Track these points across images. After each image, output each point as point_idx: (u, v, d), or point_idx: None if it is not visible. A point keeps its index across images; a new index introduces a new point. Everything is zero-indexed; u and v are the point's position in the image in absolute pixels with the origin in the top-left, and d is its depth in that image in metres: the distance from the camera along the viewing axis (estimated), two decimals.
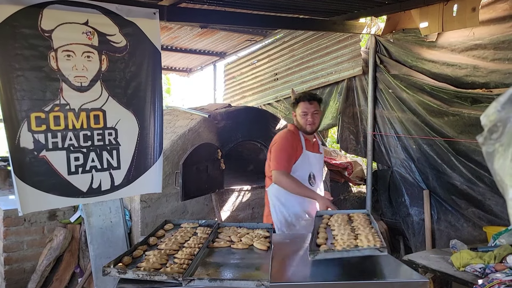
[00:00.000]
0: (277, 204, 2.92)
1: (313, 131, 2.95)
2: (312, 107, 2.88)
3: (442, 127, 3.96)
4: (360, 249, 1.70)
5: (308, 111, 2.87)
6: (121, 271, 1.66)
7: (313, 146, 3.03)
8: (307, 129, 2.91)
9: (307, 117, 2.88)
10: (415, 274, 1.94)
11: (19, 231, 3.61)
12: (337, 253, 1.70)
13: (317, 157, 3.03)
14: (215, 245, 2.17)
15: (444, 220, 4.12)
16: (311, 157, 2.96)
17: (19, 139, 2.48)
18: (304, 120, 2.90)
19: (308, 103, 2.88)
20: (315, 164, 3.00)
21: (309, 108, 2.87)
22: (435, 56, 4.02)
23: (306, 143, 2.97)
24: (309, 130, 2.92)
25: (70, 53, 2.64)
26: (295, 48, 6.06)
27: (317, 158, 3.02)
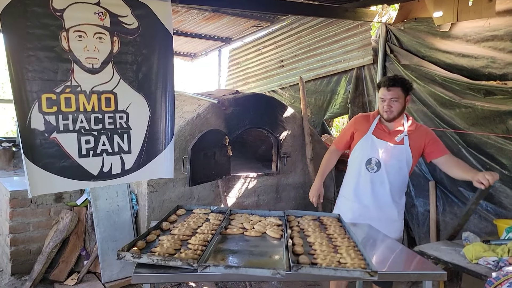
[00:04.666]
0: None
1: (390, 119, 2.74)
2: (389, 94, 2.68)
3: (453, 119, 3.93)
4: (349, 270, 1.63)
5: (385, 98, 2.71)
6: (135, 255, 1.64)
7: (389, 134, 2.79)
8: (383, 116, 2.77)
9: (384, 104, 2.72)
10: (431, 265, 1.93)
11: (26, 212, 3.59)
12: (323, 270, 1.65)
13: (392, 147, 2.76)
14: (228, 231, 2.16)
15: (450, 211, 4.11)
16: (376, 143, 2.79)
17: (30, 120, 2.44)
18: (381, 107, 2.77)
19: (386, 90, 2.70)
20: (382, 152, 2.77)
21: (386, 95, 2.70)
22: (449, 46, 3.96)
23: (376, 127, 2.83)
24: (385, 118, 2.76)
25: (82, 34, 2.58)
26: (303, 35, 5.99)
27: (391, 147, 2.76)
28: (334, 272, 1.64)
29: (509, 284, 1.93)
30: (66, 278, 3.55)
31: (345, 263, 1.73)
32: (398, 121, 2.79)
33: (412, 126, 2.81)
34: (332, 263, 1.73)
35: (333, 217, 2.50)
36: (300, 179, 4.62)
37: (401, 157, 2.76)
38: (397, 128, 2.79)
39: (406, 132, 2.76)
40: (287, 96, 6.32)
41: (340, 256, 1.82)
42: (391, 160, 2.77)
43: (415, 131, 2.79)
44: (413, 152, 2.76)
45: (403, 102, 2.73)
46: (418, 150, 2.79)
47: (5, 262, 3.70)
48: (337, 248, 1.95)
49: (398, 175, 2.81)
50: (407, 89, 2.73)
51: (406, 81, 2.75)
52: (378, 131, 2.83)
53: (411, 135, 2.77)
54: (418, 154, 2.81)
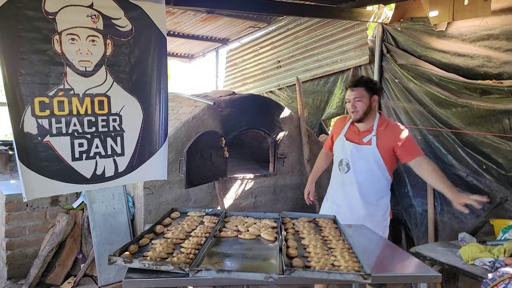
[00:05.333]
0: None
1: (357, 119, 2.75)
2: (353, 94, 2.71)
3: (449, 118, 3.92)
4: (343, 273, 1.62)
5: (350, 98, 2.74)
6: (127, 260, 1.63)
7: (358, 135, 2.81)
8: (351, 116, 2.79)
9: (349, 105, 2.75)
10: (425, 267, 1.92)
11: (21, 216, 3.57)
12: (316, 273, 1.63)
13: (358, 148, 2.77)
14: (222, 234, 2.14)
15: (448, 211, 4.10)
16: (347, 145, 2.82)
17: (23, 124, 2.43)
18: (347, 108, 2.80)
19: (350, 90, 2.74)
20: (354, 154, 2.79)
21: (350, 95, 2.73)
22: (445, 46, 3.96)
23: (349, 129, 2.88)
24: (353, 118, 2.78)
25: (75, 37, 2.57)
26: (299, 35, 5.98)
27: (358, 149, 2.78)
28: (327, 275, 1.63)
29: (504, 285, 1.92)
30: (63, 281, 3.54)
31: (338, 266, 1.72)
32: (369, 122, 2.77)
33: (382, 126, 2.76)
34: (325, 266, 1.71)
35: (329, 219, 2.49)
36: (298, 179, 4.61)
37: (369, 157, 2.74)
38: (367, 129, 2.79)
39: (375, 132, 2.74)
40: (285, 96, 6.31)
41: (334, 259, 1.80)
42: (358, 161, 2.79)
43: (384, 131, 2.74)
44: (383, 153, 2.71)
45: (368, 102, 2.72)
46: (388, 151, 2.73)
47: (1, 266, 3.69)
48: (332, 251, 1.94)
49: (369, 176, 2.78)
50: (371, 89, 2.73)
51: (370, 81, 2.77)
52: (350, 133, 2.87)
53: (380, 135, 2.74)
54: (389, 154, 2.74)
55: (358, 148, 2.78)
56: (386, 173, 2.79)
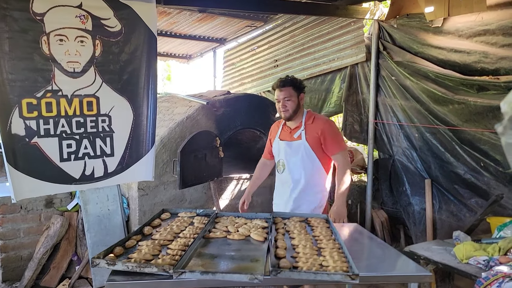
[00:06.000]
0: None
1: (287, 118, 2.80)
2: (282, 94, 2.75)
3: (446, 116, 3.88)
4: (330, 273, 1.58)
5: (279, 98, 2.77)
6: (110, 262, 1.60)
7: (289, 133, 2.86)
8: (281, 116, 2.83)
9: (279, 105, 2.79)
10: (417, 267, 1.88)
11: (16, 218, 3.56)
12: (303, 274, 1.60)
13: (290, 144, 2.83)
14: (211, 235, 2.11)
15: (446, 209, 4.06)
16: (281, 145, 2.88)
17: (11, 125, 2.41)
18: (277, 108, 2.83)
19: (279, 91, 2.78)
20: (287, 152, 2.83)
21: (280, 95, 2.77)
22: (441, 42, 3.91)
23: (282, 130, 2.93)
24: (283, 117, 2.83)
25: (63, 38, 2.55)
26: (296, 34, 5.94)
27: (290, 145, 2.83)
28: (314, 276, 1.59)
29: (498, 284, 1.88)
30: (58, 284, 3.52)
31: (327, 266, 1.69)
32: (298, 119, 2.82)
33: (310, 120, 2.82)
34: (313, 266, 1.68)
35: (321, 219, 2.45)
36: None
37: (300, 152, 2.78)
38: (297, 125, 2.84)
39: (303, 127, 2.79)
40: None
41: (323, 259, 1.77)
42: (291, 158, 2.82)
43: (312, 125, 2.80)
44: (313, 145, 2.75)
45: (297, 100, 2.77)
46: (316, 143, 2.76)
47: None
48: (321, 251, 1.90)
49: (303, 171, 2.79)
50: (298, 88, 2.78)
51: (296, 80, 2.81)
52: (283, 133, 2.92)
53: (308, 128, 2.79)
54: (319, 147, 2.77)
55: (290, 144, 2.83)
56: (320, 167, 2.80)
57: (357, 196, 5.05)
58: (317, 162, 2.77)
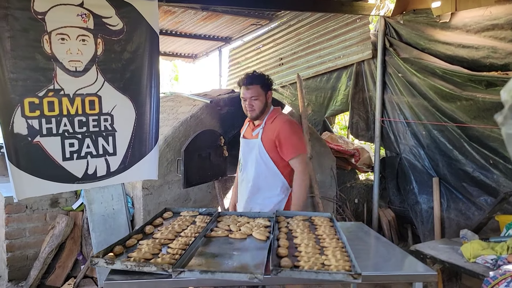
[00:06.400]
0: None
1: (253, 117, 2.63)
2: (249, 92, 2.55)
3: (454, 112, 3.82)
4: (331, 272, 1.54)
5: (246, 97, 2.58)
6: (108, 261, 1.58)
7: (252, 131, 2.70)
8: (247, 115, 2.67)
9: (245, 104, 2.60)
10: (422, 266, 1.84)
11: (21, 218, 3.58)
12: (304, 273, 1.56)
13: (248, 142, 2.69)
14: (212, 234, 2.09)
15: (454, 208, 4.00)
16: (242, 143, 2.76)
17: (13, 124, 2.40)
18: (243, 107, 2.64)
19: (245, 89, 2.57)
20: (245, 150, 2.72)
21: (246, 94, 2.57)
22: (449, 37, 3.85)
23: (247, 128, 2.79)
24: (249, 117, 2.67)
25: (65, 37, 2.54)
26: (301, 31, 5.90)
27: (247, 143, 2.70)
28: (316, 275, 1.56)
29: (506, 283, 1.83)
30: (63, 283, 3.53)
31: (329, 265, 1.65)
32: (263, 116, 2.65)
33: (271, 119, 2.62)
34: (315, 265, 1.64)
35: (325, 217, 2.41)
36: None
37: (254, 152, 2.62)
38: (259, 123, 2.67)
39: (263, 125, 2.62)
40: (288, 94, 6.23)
41: (325, 258, 1.73)
42: (248, 157, 2.69)
43: (271, 125, 2.60)
44: (267, 147, 2.56)
45: (264, 100, 2.59)
46: (272, 146, 2.57)
47: (3, 268, 3.69)
48: (324, 249, 1.87)
49: (257, 172, 2.62)
50: (266, 85, 2.60)
51: (264, 77, 2.62)
52: (247, 130, 2.78)
53: (267, 128, 2.61)
54: (274, 148, 2.57)
55: (248, 142, 2.70)
56: (275, 170, 2.59)
57: (364, 195, 4.99)
58: (271, 165, 2.58)
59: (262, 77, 2.61)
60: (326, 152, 4.72)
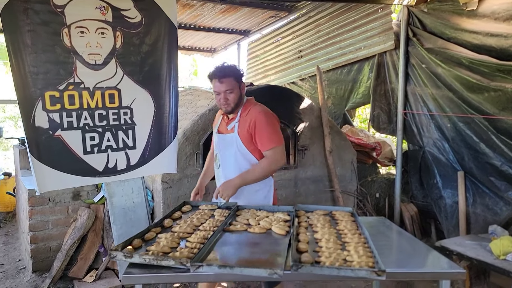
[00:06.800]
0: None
1: (228, 111, 2.50)
2: (223, 86, 2.41)
3: (481, 104, 3.68)
4: (354, 269, 1.49)
5: (220, 91, 2.43)
6: (127, 255, 1.57)
7: (226, 124, 2.57)
8: (222, 109, 2.53)
9: (219, 98, 2.45)
10: (449, 263, 1.76)
11: (44, 210, 3.63)
12: (325, 269, 1.51)
13: (224, 137, 2.55)
14: (231, 228, 2.06)
15: (481, 203, 3.86)
16: (217, 138, 2.62)
17: (34, 118, 2.43)
18: (217, 100, 2.49)
19: (218, 82, 2.43)
20: (221, 145, 2.57)
21: (220, 88, 2.42)
22: (476, 26, 3.70)
23: (221, 122, 2.63)
24: (224, 111, 2.52)
25: (84, 30, 2.55)
26: (321, 23, 5.79)
27: (223, 139, 2.55)
28: (338, 271, 1.51)
29: None
30: (85, 275, 3.57)
31: (351, 261, 1.60)
32: (238, 109, 2.52)
33: (245, 112, 2.49)
34: (336, 261, 1.60)
35: (346, 212, 2.35)
36: (320, 172, 4.47)
37: (232, 146, 2.49)
38: (233, 116, 2.54)
39: (238, 118, 2.49)
40: (307, 87, 6.15)
41: (347, 254, 1.68)
42: (225, 152, 2.55)
43: (246, 117, 2.47)
44: (244, 140, 2.45)
45: (239, 92, 2.47)
46: (248, 138, 2.45)
47: (27, 259, 3.77)
48: (346, 245, 1.81)
49: (237, 168, 2.48)
50: (239, 77, 2.48)
51: (237, 69, 2.50)
52: (222, 124, 2.63)
53: (242, 121, 2.48)
54: (250, 140, 2.45)
55: (223, 138, 2.56)
56: (257, 163, 2.49)
57: (385, 190, 4.89)
58: (252, 158, 2.48)
59: (234, 68, 2.49)
60: (347, 146, 4.64)
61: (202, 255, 1.65)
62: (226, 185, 2.41)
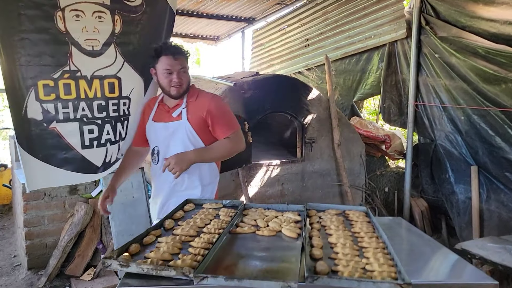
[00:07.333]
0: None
1: (180, 94, 2.20)
2: (178, 63, 2.15)
3: (498, 96, 3.52)
4: (376, 281, 1.32)
5: (173, 69, 2.14)
6: (123, 263, 1.41)
7: (167, 112, 2.25)
8: (171, 92, 2.19)
9: (172, 77, 2.15)
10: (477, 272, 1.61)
11: (39, 205, 3.49)
12: (344, 281, 1.35)
13: (167, 126, 2.23)
14: (238, 230, 1.90)
15: (495, 199, 3.71)
16: (156, 128, 2.27)
17: (26, 109, 2.26)
18: (167, 81, 2.17)
19: (172, 59, 2.14)
20: (164, 135, 2.23)
21: (174, 65, 2.14)
22: (493, 13, 3.52)
23: (157, 110, 2.30)
24: (175, 94, 2.19)
25: (79, 13, 2.36)
26: (329, 10, 5.59)
27: (167, 127, 2.23)
28: (358, 284, 1.35)
29: None
30: (83, 272, 3.44)
31: (371, 271, 1.44)
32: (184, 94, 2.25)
33: (193, 97, 2.25)
34: (355, 271, 1.44)
35: (361, 211, 2.19)
36: (327, 165, 4.31)
37: (181, 135, 2.19)
38: (177, 103, 2.25)
39: (185, 104, 2.22)
40: (314, 77, 5.96)
41: (366, 261, 1.52)
42: (170, 143, 2.22)
43: (195, 102, 2.23)
44: (197, 128, 2.19)
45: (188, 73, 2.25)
46: (202, 125, 2.20)
47: (22, 256, 3.64)
48: (363, 250, 1.65)
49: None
50: (187, 58, 2.25)
51: (185, 48, 2.24)
52: (159, 113, 2.29)
53: (191, 106, 2.22)
54: (205, 129, 2.22)
55: (167, 126, 2.23)
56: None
57: (395, 184, 4.73)
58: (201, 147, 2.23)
59: (183, 48, 2.23)
60: (355, 138, 4.47)
61: (207, 263, 1.49)
62: (180, 158, 2.10)
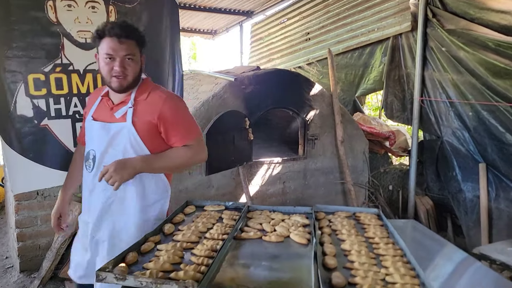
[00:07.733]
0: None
1: (123, 88, 1.74)
2: (123, 48, 1.68)
3: (508, 91, 3.41)
4: None
5: (116, 55, 1.68)
6: (119, 276, 1.28)
7: (111, 110, 1.80)
8: (111, 84, 1.74)
9: (114, 65, 1.69)
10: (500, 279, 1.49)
11: (32, 205, 3.33)
12: None
13: (107, 128, 1.78)
14: (243, 236, 1.77)
15: (505, 197, 3.60)
16: (96, 128, 1.82)
17: (15, 105, 2.13)
18: (107, 69, 1.71)
19: (117, 42, 1.67)
20: (102, 139, 1.78)
21: (118, 50, 1.67)
22: (504, 5, 3.40)
23: (99, 105, 1.86)
24: (115, 87, 1.74)
25: (71, 3, 2.22)
26: (330, 3, 5.45)
27: (107, 129, 1.78)
28: None
29: None
30: None
31: (393, 283, 1.32)
32: (132, 89, 1.80)
33: (143, 95, 1.79)
34: (375, 283, 1.31)
35: (372, 214, 2.07)
36: (330, 163, 4.18)
37: (122, 140, 1.75)
38: (123, 99, 1.80)
39: (132, 103, 1.76)
40: (314, 72, 5.82)
41: (386, 272, 1.40)
42: (107, 149, 1.78)
43: (145, 102, 1.78)
44: (143, 133, 1.74)
45: (139, 63, 1.77)
46: (151, 132, 1.76)
47: (14, 258, 3.49)
48: (381, 258, 1.53)
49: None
50: (142, 43, 1.78)
51: (141, 32, 1.78)
52: (100, 110, 1.85)
53: (139, 107, 1.77)
54: (154, 135, 1.78)
55: (107, 128, 1.78)
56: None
57: (399, 181, 4.61)
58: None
59: (137, 30, 1.77)
60: (359, 135, 4.35)
61: (211, 274, 1.36)
62: (122, 165, 1.66)
